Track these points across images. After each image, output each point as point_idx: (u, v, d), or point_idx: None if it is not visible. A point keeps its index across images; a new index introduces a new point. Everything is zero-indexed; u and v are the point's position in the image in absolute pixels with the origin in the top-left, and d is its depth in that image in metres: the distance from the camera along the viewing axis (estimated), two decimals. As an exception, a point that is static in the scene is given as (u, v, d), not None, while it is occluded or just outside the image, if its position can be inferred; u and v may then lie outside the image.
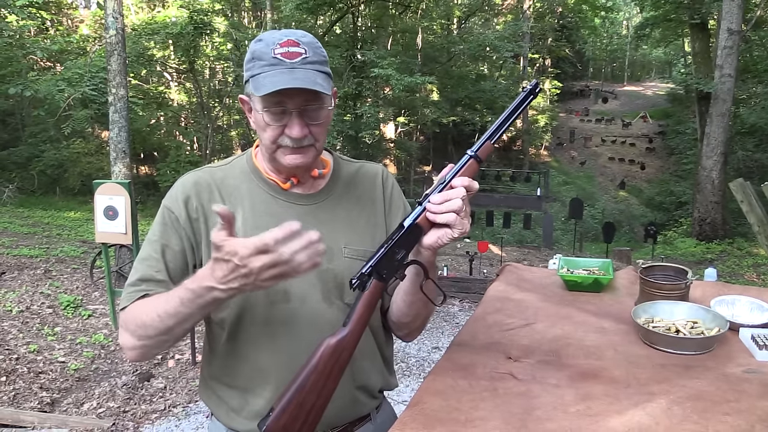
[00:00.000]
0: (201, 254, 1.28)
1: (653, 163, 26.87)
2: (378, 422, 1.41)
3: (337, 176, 1.39)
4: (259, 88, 1.16)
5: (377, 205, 1.41)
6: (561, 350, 1.38)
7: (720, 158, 13.61)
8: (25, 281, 6.54)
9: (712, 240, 13.17)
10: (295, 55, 1.18)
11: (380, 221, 1.40)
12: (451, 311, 6.87)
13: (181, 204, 1.28)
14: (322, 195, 1.35)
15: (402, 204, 1.45)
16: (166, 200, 1.31)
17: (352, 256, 1.31)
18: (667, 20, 17.96)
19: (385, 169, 1.49)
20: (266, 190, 1.32)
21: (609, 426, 1.04)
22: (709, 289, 1.73)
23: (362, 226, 1.36)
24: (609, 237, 10.95)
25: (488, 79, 24.77)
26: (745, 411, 1.07)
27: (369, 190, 1.41)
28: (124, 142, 6.84)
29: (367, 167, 1.46)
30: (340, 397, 1.29)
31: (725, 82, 13.12)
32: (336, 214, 1.34)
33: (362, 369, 1.34)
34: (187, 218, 1.28)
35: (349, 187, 1.39)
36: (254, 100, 1.22)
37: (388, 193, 1.44)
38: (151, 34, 16.49)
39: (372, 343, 1.38)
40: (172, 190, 1.32)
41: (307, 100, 1.19)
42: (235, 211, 1.28)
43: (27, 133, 18.83)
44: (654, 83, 40.29)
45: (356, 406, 1.36)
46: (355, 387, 1.34)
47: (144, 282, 1.25)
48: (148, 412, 4.20)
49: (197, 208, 1.28)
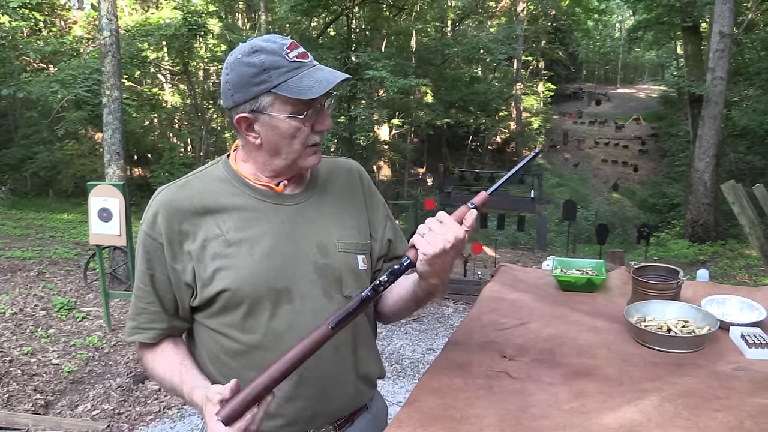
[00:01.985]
0: (187, 274, 1.26)
1: (646, 165, 26.96)
2: (373, 411, 1.45)
3: (316, 172, 1.40)
4: (305, 91, 1.17)
5: (357, 198, 1.43)
6: (555, 349, 1.40)
7: (712, 160, 13.68)
8: (18, 283, 6.51)
9: (705, 241, 13.23)
10: (306, 55, 1.23)
11: (362, 214, 1.42)
12: (445, 313, 6.88)
13: (161, 228, 1.26)
14: (307, 193, 1.36)
15: (380, 198, 1.48)
16: (143, 225, 1.29)
17: (346, 250, 1.33)
18: (660, 23, 18.03)
19: (357, 164, 1.50)
20: (251, 194, 1.31)
21: (602, 423, 1.06)
22: (700, 288, 1.75)
23: (348, 220, 1.38)
24: (602, 239, 10.97)
25: (482, 81, 24.80)
26: (734, 407, 1.09)
27: (347, 183, 1.43)
28: (118, 144, 6.83)
29: (341, 162, 1.47)
30: (345, 388, 1.33)
31: (717, 84, 13.19)
32: (323, 211, 1.35)
33: (363, 358, 1.37)
34: (169, 242, 1.26)
35: (328, 183, 1.40)
36: (274, 110, 1.20)
37: (366, 187, 1.46)
38: (144, 35, 16.42)
39: (369, 332, 1.42)
40: (147, 212, 1.29)
41: (326, 93, 1.22)
42: (223, 220, 1.27)
43: (20, 134, 18.74)
44: (647, 86, 40.41)
45: (358, 396, 1.38)
46: (358, 377, 1.36)
47: (139, 316, 1.31)
48: (143, 414, 4.20)
49: (178, 231, 1.26)
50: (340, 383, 1.31)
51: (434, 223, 1.15)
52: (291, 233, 1.29)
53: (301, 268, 1.28)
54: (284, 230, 1.29)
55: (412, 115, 21.05)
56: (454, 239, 1.13)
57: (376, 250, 1.42)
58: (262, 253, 1.25)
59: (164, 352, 1.32)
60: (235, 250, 1.25)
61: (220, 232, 1.26)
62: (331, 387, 1.29)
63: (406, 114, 21.31)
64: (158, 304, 1.28)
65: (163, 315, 1.29)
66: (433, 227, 1.15)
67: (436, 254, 1.13)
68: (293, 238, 1.29)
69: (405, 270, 1.19)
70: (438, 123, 21.21)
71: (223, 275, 1.24)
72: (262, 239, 1.27)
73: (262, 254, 1.25)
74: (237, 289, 1.23)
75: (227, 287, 1.23)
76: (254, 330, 1.26)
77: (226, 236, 1.26)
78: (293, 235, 1.29)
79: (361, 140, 17.25)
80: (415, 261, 1.17)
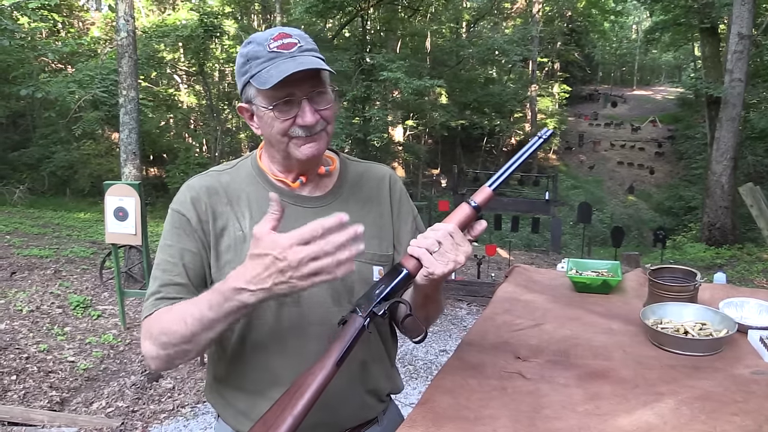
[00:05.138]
0: (210, 257, 1.27)
1: (662, 168, 26.77)
2: (384, 424, 1.41)
3: (345, 177, 1.37)
4: (265, 82, 1.14)
5: (383, 208, 1.39)
6: (570, 350, 1.38)
7: (730, 163, 13.53)
8: (36, 281, 6.58)
9: (722, 245, 13.09)
10: (290, 45, 1.18)
11: (387, 224, 1.38)
12: (458, 314, 6.86)
13: (190, 206, 1.27)
14: (330, 197, 1.33)
15: (411, 209, 1.44)
16: (174, 204, 1.30)
17: (362, 259, 1.28)
18: (677, 24, 17.88)
19: (393, 172, 1.47)
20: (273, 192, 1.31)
21: (617, 425, 1.05)
22: (717, 291, 1.73)
23: (369, 229, 1.32)
24: (618, 241, 10.91)
25: (497, 82, 24.79)
26: (753, 411, 1.08)
27: (376, 191, 1.39)
28: (134, 144, 6.88)
29: (375, 168, 1.44)
30: (350, 401, 1.30)
31: (735, 86, 13.04)
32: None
33: (371, 374, 1.34)
34: (198, 220, 1.26)
35: (355, 189, 1.37)
36: (258, 101, 1.20)
37: (396, 197, 1.42)
38: (161, 36, 16.58)
39: (381, 348, 1.38)
40: (180, 193, 1.31)
41: (313, 85, 1.19)
42: (242, 215, 1.27)
43: (38, 134, 18.96)
44: (663, 87, 40.13)
45: (365, 410, 1.35)
46: (365, 391, 1.33)
47: (165, 287, 1.23)
48: (157, 412, 4.22)
49: (206, 211, 1.27)
50: (344, 397, 1.28)
51: (446, 240, 1.09)
52: None
53: None
54: None
55: (426, 117, 21.07)
56: (464, 260, 1.09)
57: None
58: None
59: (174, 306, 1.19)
60: (248, 246, 1.22)
61: (237, 226, 1.26)
62: (334, 399, 1.24)
63: (420, 115, 21.33)
64: (185, 276, 1.24)
65: (191, 288, 1.24)
66: (445, 245, 1.09)
67: (445, 274, 1.09)
68: None
69: (403, 285, 1.14)
70: (452, 124, 21.19)
71: (233, 268, 1.21)
72: None
73: None
74: None
75: None
76: (258, 330, 1.25)
77: (243, 231, 1.26)
78: None
79: (376, 141, 17.26)
80: (414, 274, 1.12)
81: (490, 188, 1.16)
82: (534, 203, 13.94)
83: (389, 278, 1.15)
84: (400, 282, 1.13)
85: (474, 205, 1.14)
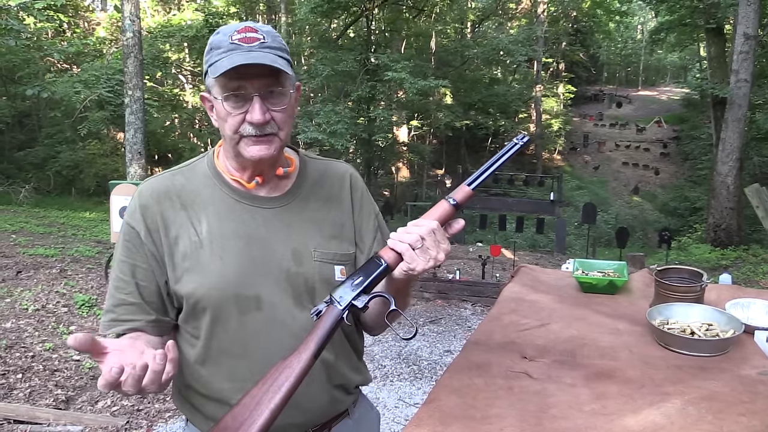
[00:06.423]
0: (166, 268, 1.24)
1: (667, 169, 26.69)
2: (356, 416, 1.40)
3: (304, 176, 1.35)
4: (215, 71, 1.13)
5: (344, 206, 1.36)
6: (576, 350, 1.39)
7: (735, 164, 13.49)
8: (41, 280, 6.60)
9: (727, 246, 13.04)
10: (252, 39, 1.16)
11: (348, 222, 1.35)
12: (463, 315, 6.86)
13: (139, 217, 1.24)
14: (288, 197, 1.31)
15: (372, 207, 1.42)
16: (125, 215, 1.27)
17: (322, 259, 1.27)
18: (683, 25, 17.83)
19: (353, 170, 1.45)
20: (229, 194, 1.27)
21: (624, 425, 1.05)
22: (724, 292, 1.73)
23: (329, 228, 1.32)
24: (622, 242, 10.90)
25: (502, 83, 24.77)
26: (760, 412, 1.08)
27: (337, 189, 1.37)
28: (139, 144, 6.91)
29: (335, 166, 1.41)
30: (318, 397, 1.28)
31: (741, 87, 13.00)
32: (303, 216, 1.30)
33: (338, 369, 1.32)
34: (147, 232, 1.23)
35: (315, 187, 1.35)
36: (214, 91, 1.18)
37: (357, 195, 1.39)
38: (166, 36, 16.64)
39: (346, 345, 1.35)
40: (131, 202, 1.28)
41: (267, 84, 1.16)
42: (198, 220, 1.25)
43: (43, 134, 19.02)
44: (669, 88, 40.02)
45: (334, 405, 1.34)
46: (333, 386, 1.32)
47: (118, 308, 1.23)
48: (162, 411, 4.24)
49: (156, 220, 1.24)
50: (311, 394, 1.26)
51: (429, 236, 1.10)
52: (265, 238, 1.25)
53: (272, 275, 1.23)
54: (258, 234, 1.25)
55: (431, 117, 21.04)
56: (444, 258, 1.10)
57: (361, 261, 1.33)
58: (232, 258, 1.22)
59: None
60: (205, 252, 1.22)
61: (193, 232, 1.24)
62: (301, 398, 1.19)
63: (425, 115, 21.31)
64: (138, 295, 1.22)
65: (144, 307, 1.22)
66: (428, 242, 1.10)
67: (425, 270, 1.10)
68: (267, 243, 1.24)
69: (382, 278, 1.14)
70: (457, 125, 21.18)
71: (191, 278, 1.21)
72: (234, 242, 1.23)
73: (232, 258, 1.22)
74: (204, 293, 1.20)
75: (194, 290, 1.21)
76: (222, 337, 1.23)
77: (198, 237, 1.23)
78: (267, 240, 1.25)
79: (380, 141, 17.27)
80: (393, 267, 1.13)
81: (469, 187, 1.16)
82: (539, 204, 13.92)
83: (367, 270, 1.14)
84: (379, 275, 1.13)
85: (453, 203, 1.15)
